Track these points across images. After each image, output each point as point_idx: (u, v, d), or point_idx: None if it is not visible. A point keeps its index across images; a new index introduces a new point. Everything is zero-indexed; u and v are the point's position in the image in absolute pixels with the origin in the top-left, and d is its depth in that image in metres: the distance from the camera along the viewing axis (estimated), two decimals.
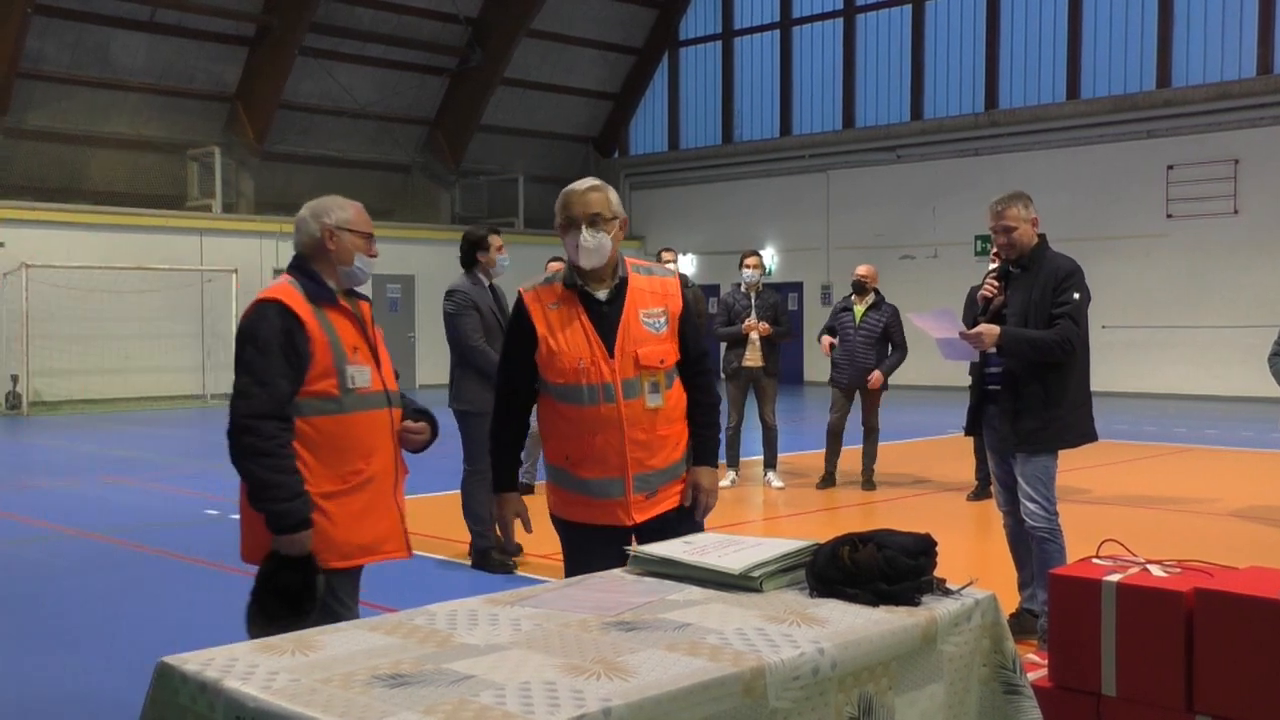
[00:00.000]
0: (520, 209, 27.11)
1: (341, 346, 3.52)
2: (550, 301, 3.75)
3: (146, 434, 16.09)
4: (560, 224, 3.74)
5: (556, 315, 3.72)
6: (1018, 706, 2.81)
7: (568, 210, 3.71)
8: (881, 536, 2.81)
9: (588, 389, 3.67)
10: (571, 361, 3.67)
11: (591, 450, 3.70)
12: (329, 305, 3.56)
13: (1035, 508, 5.29)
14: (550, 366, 3.71)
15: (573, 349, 3.68)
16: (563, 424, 3.74)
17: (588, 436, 3.70)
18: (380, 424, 3.59)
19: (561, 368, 3.68)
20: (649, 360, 3.72)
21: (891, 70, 25.05)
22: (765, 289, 10.55)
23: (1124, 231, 21.02)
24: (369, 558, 3.62)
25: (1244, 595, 3.14)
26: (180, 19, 22.44)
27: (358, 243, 3.65)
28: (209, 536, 8.55)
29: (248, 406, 3.40)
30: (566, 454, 3.75)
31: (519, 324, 3.78)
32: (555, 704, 2.03)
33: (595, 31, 27.57)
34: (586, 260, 3.69)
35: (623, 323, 3.72)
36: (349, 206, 3.72)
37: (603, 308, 3.73)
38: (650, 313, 3.77)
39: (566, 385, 3.69)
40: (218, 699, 2.16)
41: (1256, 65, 20.56)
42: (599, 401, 3.67)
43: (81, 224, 20.38)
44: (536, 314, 3.74)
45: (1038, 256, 5.34)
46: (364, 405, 3.53)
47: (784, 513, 9.61)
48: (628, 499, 3.71)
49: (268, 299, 3.51)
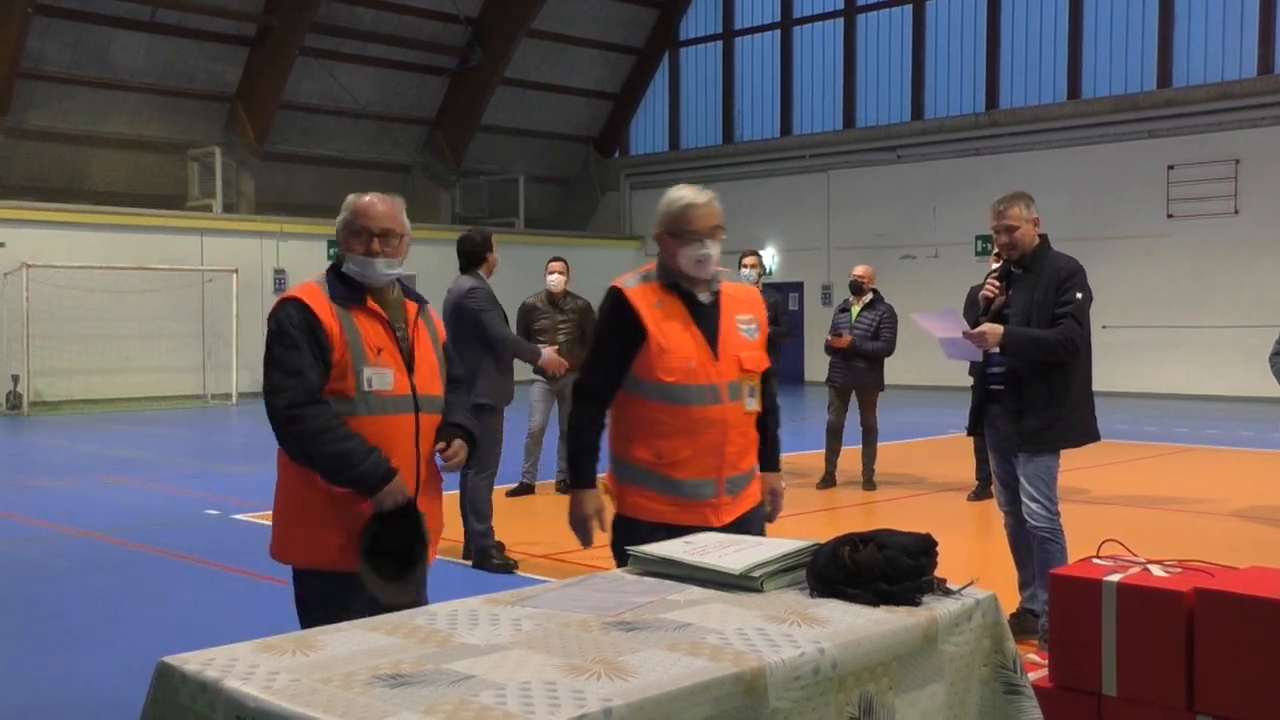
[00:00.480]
0: (521, 209, 27.12)
1: (362, 347, 3.45)
2: (654, 300, 3.72)
3: (146, 434, 16.09)
4: (671, 233, 3.73)
5: (663, 314, 3.70)
6: (1018, 706, 2.81)
7: (688, 223, 3.71)
8: (882, 536, 2.81)
9: (695, 389, 3.67)
10: (681, 361, 3.67)
11: (692, 451, 3.70)
12: (354, 305, 3.50)
13: (1037, 507, 5.29)
14: (659, 365, 3.67)
15: (682, 348, 3.68)
16: (658, 424, 3.70)
17: (690, 437, 3.69)
18: (401, 429, 3.49)
19: (670, 366, 3.66)
20: (751, 365, 3.81)
21: (892, 70, 25.05)
22: (765, 289, 10.53)
23: (1125, 231, 21.02)
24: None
25: (1245, 595, 3.14)
26: (181, 19, 22.46)
27: (349, 242, 3.58)
28: (209, 536, 8.55)
29: (285, 399, 3.40)
30: (658, 454, 3.71)
31: (623, 321, 3.72)
32: (556, 704, 2.03)
33: (596, 31, 27.58)
34: (705, 271, 3.73)
35: (723, 327, 3.76)
36: (351, 205, 3.64)
37: (705, 311, 3.75)
38: (744, 319, 3.84)
39: (674, 385, 3.67)
40: (218, 699, 2.16)
41: (1257, 65, 20.57)
42: (706, 402, 3.68)
43: (82, 224, 20.38)
44: (644, 312, 3.70)
45: (1040, 256, 5.34)
46: (384, 409, 3.45)
47: (784, 513, 9.56)
48: (719, 500, 3.75)
49: (289, 297, 3.51)
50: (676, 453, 3.69)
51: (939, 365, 19.51)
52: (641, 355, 3.68)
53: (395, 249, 3.59)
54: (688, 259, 3.71)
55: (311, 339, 3.41)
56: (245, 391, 21.29)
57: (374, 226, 3.57)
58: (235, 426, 17.79)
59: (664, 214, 3.78)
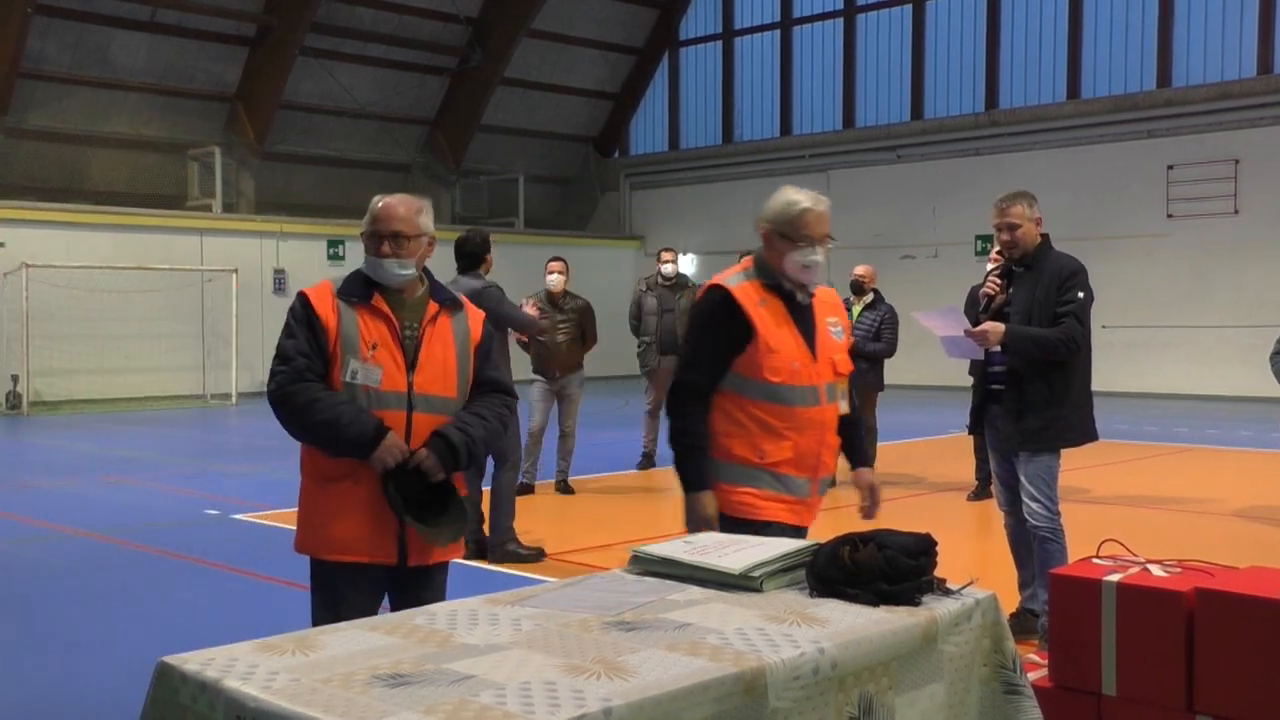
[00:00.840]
0: (520, 209, 27.12)
1: (356, 342, 3.52)
2: (758, 299, 3.74)
3: (146, 434, 16.09)
4: (783, 234, 3.76)
5: (768, 314, 3.73)
6: (1018, 706, 2.81)
7: (803, 227, 3.75)
8: (882, 536, 2.81)
9: (800, 390, 3.72)
10: (787, 361, 3.70)
11: (794, 451, 3.74)
12: (360, 303, 3.58)
13: (1038, 507, 5.29)
14: (766, 365, 3.69)
15: (788, 349, 3.72)
16: (761, 423, 3.72)
17: (792, 437, 3.73)
18: (389, 425, 3.52)
19: (777, 366, 3.69)
20: (843, 368, 3.88)
21: (892, 70, 25.05)
22: None
23: (1124, 231, 21.02)
24: (360, 557, 3.55)
25: (1245, 595, 3.14)
26: (181, 19, 22.45)
27: (367, 242, 3.65)
28: (209, 536, 8.56)
29: (275, 383, 3.55)
30: (761, 453, 3.73)
31: (729, 319, 3.73)
32: (555, 704, 2.03)
33: (595, 31, 27.58)
34: (811, 277, 3.79)
35: (818, 329, 3.83)
36: (371, 206, 3.70)
37: (803, 312, 3.81)
38: (832, 321, 3.90)
39: (780, 385, 3.70)
40: (218, 699, 2.16)
41: (1257, 65, 20.57)
42: (808, 403, 3.74)
43: (82, 224, 20.37)
44: (751, 310, 3.72)
45: (1041, 255, 5.34)
46: (367, 403, 3.51)
47: None
48: (812, 500, 3.86)
49: (300, 292, 3.66)
50: (780, 452, 3.72)
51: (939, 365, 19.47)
52: (748, 354, 3.69)
53: (408, 250, 3.62)
54: (795, 263, 3.74)
55: (309, 330, 3.54)
56: (245, 391, 21.29)
57: (384, 229, 3.63)
58: (235, 426, 17.79)
59: (778, 214, 3.80)
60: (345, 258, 23.04)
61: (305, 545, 3.67)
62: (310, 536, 3.64)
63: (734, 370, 3.71)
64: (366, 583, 3.61)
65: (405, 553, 3.58)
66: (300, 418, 3.50)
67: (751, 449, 3.73)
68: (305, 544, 3.67)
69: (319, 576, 3.67)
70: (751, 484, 3.75)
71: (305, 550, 3.67)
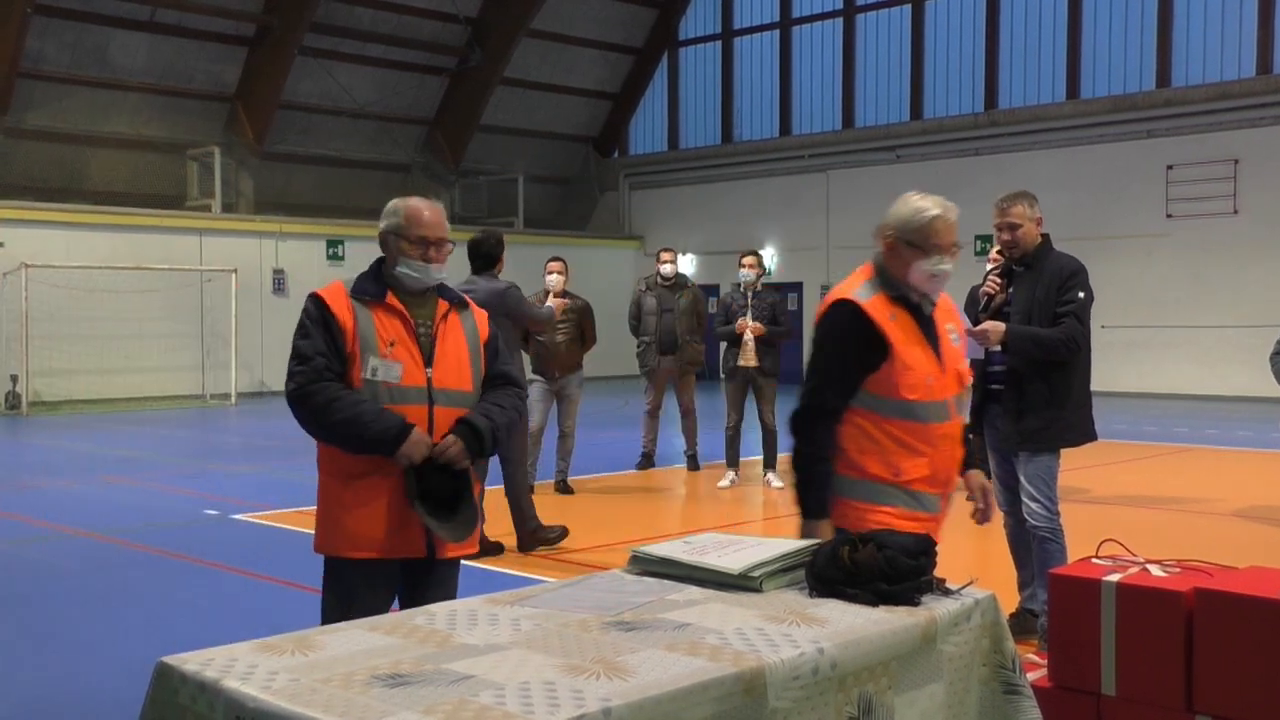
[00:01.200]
0: (520, 209, 27.12)
1: (374, 340, 3.56)
2: (888, 314, 3.59)
3: (145, 434, 16.09)
4: (910, 243, 3.61)
5: (899, 328, 3.58)
6: (1017, 706, 2.81)
7: (933, 236, 3.60)
8: (881, 536, 2.81)
9: (934, 406, 3.59)
10: (922, 377, 3.56)
11: (930, 468, 3.60)
12: (374, 302, 3.62)
13: (1037, 507, 5.29)
14: (903, 382, 3.54)
15: (921, 365, 3.58)
16: (896, 440, 3.57)
17: (927, 453, 3.59)
18: (412, 419, 3.56)
19: (913, 383, 3.55)
20: (966, 378, 3.77)
21: (891, 70, 25.05)
22: (765, 289, 10.55)
23: (1124, 231, 21.02)
24: (381, 552, 3.59)
25: (1244, 595, 3.14)
26: (180, 19, 22.45)
27: (403, 246, 3.66)
28: (209, 536, 8.56)
29: (295, 383, 3.55)
30: (895, 470, 3.58)
31: (861, 334, 3.56)
32: (555, 704, 2.03)
33: (595, 31, 27.58)
34: (937, 288, 3.66)
35: (941, 339, 3.68)
36: (402, 210, 3.72)
37: (928, 323, 3.67)
38: (950, 329, 3.75)
39: (916, 402, 3.55)
40: (217, 699, 2.16)
41: (1256, 65, 20.57)
42: (942, 418, 3.62)
43: (81, 224, 20.38)
44: (885, 326, 3.56)
45: (1042, 255, 5.34)
46: (389, 399, 3.54)
47: (784, 513, 9.60)
48: (943, 514, 3.72)
49: (311, 294, 3.67)
50: (916, 469, 3.58)
51: None
52: (882, 372, 3.54)
53: (445, 254, 3.73)
54: (924, 272, 3.59)
55: (325, 330, 3.56)
56: (244, 391, 21.30)
57: (431, 235, 3.68)
58: (234, 426, 17.79)
59: (905, 222, 3.65)
60: (345, 258, 23.05)
61: (327, 544, 3.64)
62: (333, 535, 3.62)
63: (867, 389, 3.55)
64: (382, 580, 3.63)
65: (432, 546, 3.63)
66: (321, 416, 3.51)
67: (886, 467, 3.58)
68: (327, 543, 3.64)
69: (334, 574, 3.66)
70: (887, 502, 3.59)
71: (327, 549, 3.64)
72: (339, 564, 3.64)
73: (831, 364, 3.62)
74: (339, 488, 3.62)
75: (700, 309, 11.48)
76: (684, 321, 11.28)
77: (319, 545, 3.68)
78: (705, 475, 11.22)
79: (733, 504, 9.93)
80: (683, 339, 11.25)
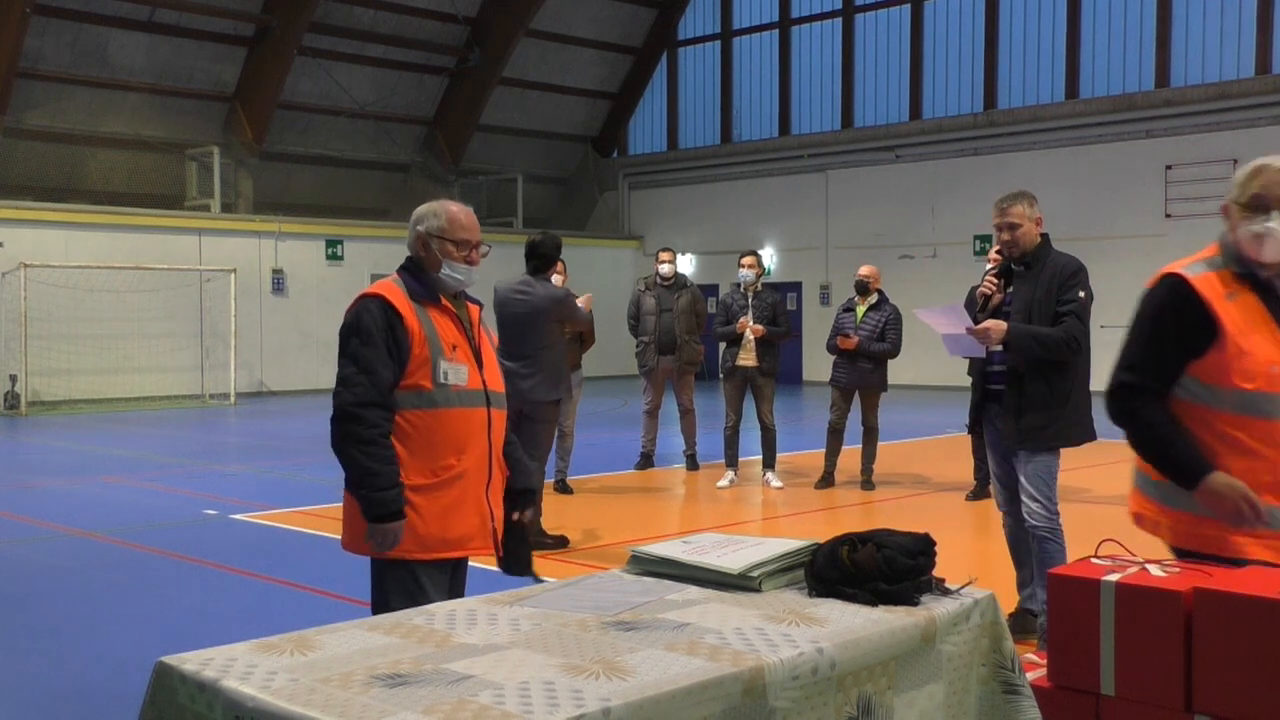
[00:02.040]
0: (519, 208, 27.12)
1: (439, 342, 3.60)
2: (1224, 291, 3.21)
3: (145, 434, 16.08)
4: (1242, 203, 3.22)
5: (1237, 308, 3.19)
6: (1017, 706, 2.81)
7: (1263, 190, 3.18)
8: (880, 536, 2.80)
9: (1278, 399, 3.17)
10: (1263, 365, 3.16)
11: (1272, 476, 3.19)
12: (430, 303, 3.65)
13: (1037, 507, 5.29)
14: (1236, 369, 3.17)
15: (1263, 350, 3.17)
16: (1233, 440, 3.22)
17: (1271, 456, 3.19)
18: (475, 422, 3.64)
19: (1250, 371, 3.16)
20: None
21: (890, 70, 25.06)
22: (764, 289, 10.53)
23: (1123, 231, 21.02)
24: (454, 552, 3.67)
25: (1243, 595, 3.13)
26: (179, 19, 22.45)
27: (448, 249, 3.69)
28: (208, 536, 8.55)
29: (353, 395, 3.52)
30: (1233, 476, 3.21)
31: (1185, 312, 3.22)
32: (554, 704, 2.03)
33: (594, 31, 27.58)
34: (1265, 253, 3.18)
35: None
36: (443, 213, 3.74)
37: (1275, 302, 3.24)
38: None
39: (1255, 393, 3.17)
40: (216, 699, 2.16)
41: (1255, 65, 20.58)
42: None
43: (80, 224, 20.38)
44: (1216, 304, 3.19)
45: (1041, 255, 5.34)
46: (459, 402, 3.59)
47: (783, 512, 9.61)
48: None
49: (371, 294, 3.64)
50: (1258, 475, 3.17)
51: (938, 365, 19.43)
52: (1211, 356, 3.19)
53: (480, 257, 3.80)
54: (1247, 234, 3.18)
55: (390, 337, 3.55)
56: (243, 391, 21.29)
57: (474, 238, 3.74)
58: (233, 426, 17.78)
59: (1238, 183, 3.29)
60: (344, 258, 23.05)
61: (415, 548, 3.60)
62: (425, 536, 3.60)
63: (1192, 375, 3.21)
64: (443, 580, 3.70)
65: (498, 543, 3.78)
66: (353, 446, 3.52)
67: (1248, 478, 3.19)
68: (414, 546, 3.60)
69: (398, 579, 3.64)
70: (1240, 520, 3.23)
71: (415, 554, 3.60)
72: (401, 568, 3.64)
73: (1147, 343, 3.31)
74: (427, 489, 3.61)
75: (699, 309, 11.49)
76: (683, 321, 11.28)
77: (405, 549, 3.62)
78: (704, 475, 11.22)
79: (732, 504, 9.92)
80: (681, 339, 11.25)
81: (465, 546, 3.68)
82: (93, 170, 22.61)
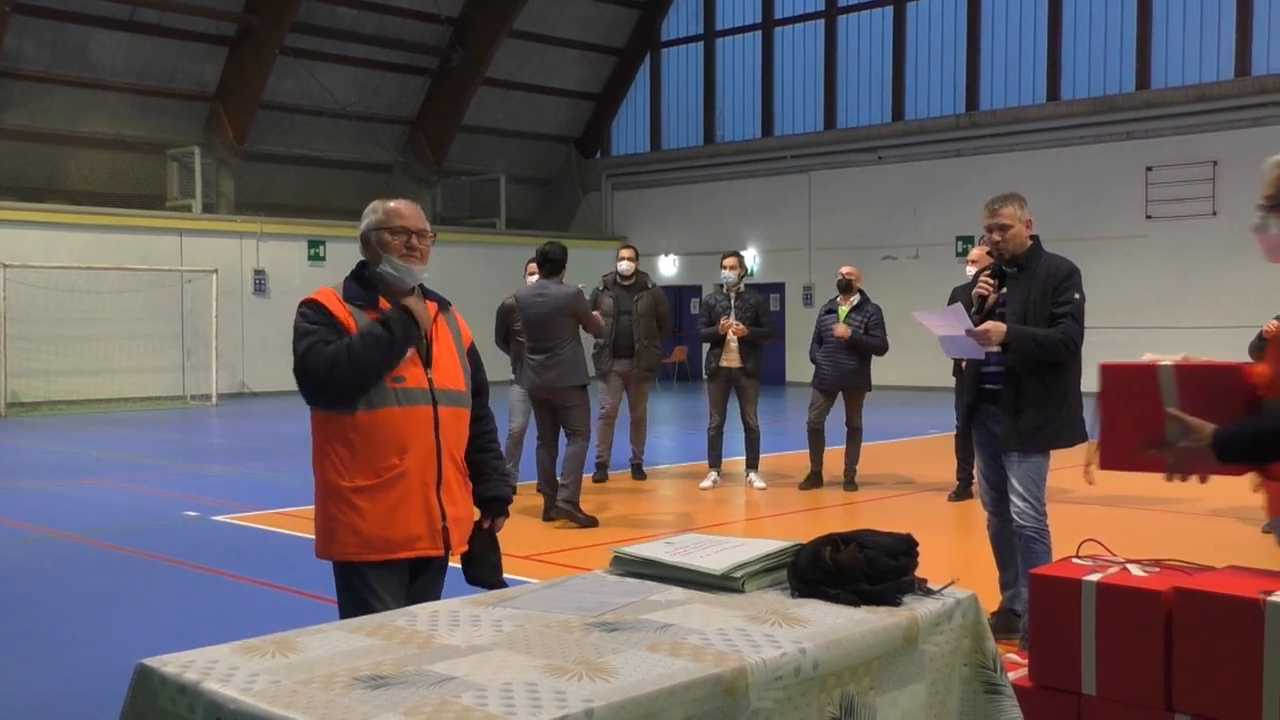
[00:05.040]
0: (502, 209, 27.10)
1: None
2: None
3: (126, 435, 16.01)
4: None
5: None
6: (998, 706, 2.82)
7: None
8: (863, 537, 2.81)
9: None
10: None
11: None
12: (369, 306, 3.61)
13: (1026, 507, 5.31)
14: None
15: None
16: None
17: None
18: (419, 421, 3.58)
19: None
20: None
21: (873, 71, 25.12)
22: (747, 289, 10.52)
23: (1104, 232, 21.12)
24: (400, 553, 3.59)
25: (1221, 594, 3.15)
26: (160, 18, 22.36)
27: (385, 239, 3.63)
28: (189, 538, 8.52)
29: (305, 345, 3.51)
30: None
31: None
32: (537, 705, 2.03)
33: (577, 32, 27.57)
34: None
35: None
36: (381, 208, 3.71)
37: None
38: None
39: None
40: (198, 701, 2.15)
41: (1234, 67, 20.70)
42: None
43: (60, 224, 20.27)
44: None
45: (1034, 257, 5.36)
46: (399, 401, 3.55)
47: (766, 513, 9.62)
48: None
49: (306, 299, 3.66)
50: None
51: (921, 365, 19.46)
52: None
53: (426, 249, 3.71)
54: None
55: (330, 329, 3.56)
56: (225, 392, 21.21)
57: (411, 225, 3.67)
58: (215, 427, 17.71)
59: None
60: (326, 258, 22.98)
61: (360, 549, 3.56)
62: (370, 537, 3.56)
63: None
64: (396, 582, 3.62)
65: (449, 544, 3.68)
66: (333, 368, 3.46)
67: None
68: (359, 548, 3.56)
69: (347, 581, 3.61)
70: None
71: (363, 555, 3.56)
72: (351, 570, 3.60)
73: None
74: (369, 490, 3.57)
75: (661, 311, 10.86)
76: (642, 325, 10.64)
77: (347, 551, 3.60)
78: (677, 482, 11.20)
79: (715, 505, 9.93)
80: (640, 343, 10.64)
81: (413, 547, 3.59)
82: (73, 170, 22.51)
